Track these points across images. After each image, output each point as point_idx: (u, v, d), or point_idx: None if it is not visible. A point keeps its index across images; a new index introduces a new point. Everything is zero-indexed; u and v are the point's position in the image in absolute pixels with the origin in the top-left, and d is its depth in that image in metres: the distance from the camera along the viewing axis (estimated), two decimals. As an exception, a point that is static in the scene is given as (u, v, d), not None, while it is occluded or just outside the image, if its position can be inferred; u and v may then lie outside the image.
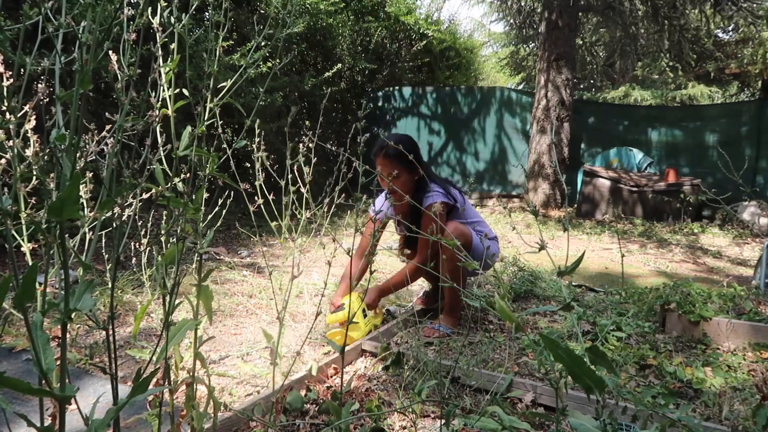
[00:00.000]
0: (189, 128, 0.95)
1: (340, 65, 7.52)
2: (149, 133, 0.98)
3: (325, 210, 1.47)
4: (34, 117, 0.92)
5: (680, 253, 5.07)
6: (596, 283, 3.59)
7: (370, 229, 2.59)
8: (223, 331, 2.49)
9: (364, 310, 2.39)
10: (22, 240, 1.16)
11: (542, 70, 7.84)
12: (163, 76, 0.95)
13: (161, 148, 1.09)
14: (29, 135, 1.01)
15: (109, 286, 2.66)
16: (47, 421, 1.21)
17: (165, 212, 1.00)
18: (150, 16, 0.95)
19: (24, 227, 1.17)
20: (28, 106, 0.86)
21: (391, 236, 4.75)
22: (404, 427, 1.64)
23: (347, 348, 2.12)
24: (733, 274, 4.18)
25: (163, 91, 1.00)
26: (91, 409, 0.85)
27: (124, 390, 1.74)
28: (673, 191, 6.78)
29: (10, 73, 0.77)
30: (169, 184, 0.97)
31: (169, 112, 0.98)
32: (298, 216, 1.45)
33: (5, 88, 0.78)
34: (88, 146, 1.04)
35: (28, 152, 1.00)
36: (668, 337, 2.44)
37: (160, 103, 0.96)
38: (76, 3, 3.30)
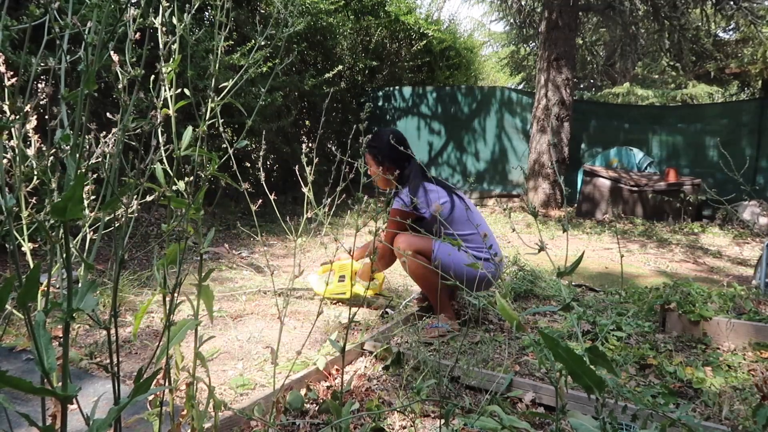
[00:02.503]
0: (190, 128, 0.96)
1: (340, 66, 7.52)
2: (150, 133, 0.98)
3: (327, 210, 1.48)
4: (35, 117, 0.93)
5: (680, 252, 5.07)
6: (596, 283, 3.59)
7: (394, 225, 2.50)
8: (224, 330, 2.50)
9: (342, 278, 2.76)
10: (23, 240, 1.16)
11: (542, 70, 7.83)
12: (165, 76, 0.95)
13: (162, 149, 1.09)
14: (30, 135, 1.01)
15: (110, 285, 2.66)
16: (48, 421, 1.21)
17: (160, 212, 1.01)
18: (152, 17, 0.95)
19: (24, 227, 1.17)
20: (29, 106, 0.86)
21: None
22: (404, 427, 1.64)
23: (347, 347, 2.12)
24: (733, 273, 4.18)
25: (165, 91, 1.00)
26: (92, 409, 0.85)
27: (124, 390, 1.75)
28: (673, 191, 6.78)
29: (12, 73, 0.77)
30: (170, 184, 0.97)
31: (170, 112, 0.98)
32: (313, 215, 1.45)
33: (7, 89, 0.79)
34: (90, 146, 1.04)
35: (30, 152, 1.00)
36: (668, 337, 2.44)
37: (161, 102, 0.96)
38: (79, 3, 3.30)
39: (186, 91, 1.06)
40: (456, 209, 2.46)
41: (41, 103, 0.81)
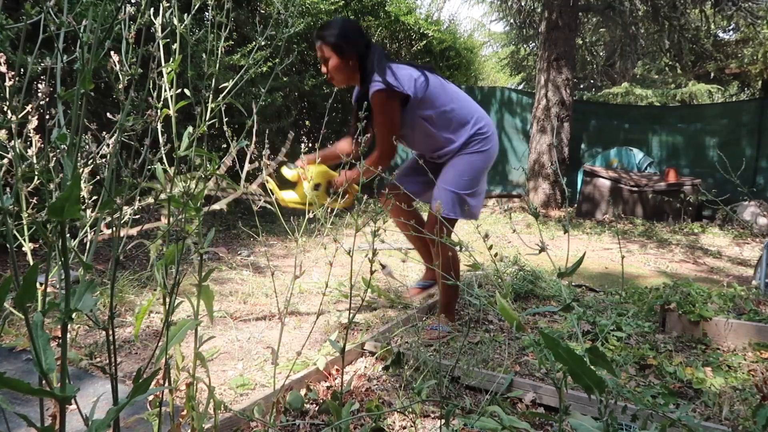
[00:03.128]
0: (190, 129, 0.95)
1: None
2: (149, 132, 0.98)
3: (327, 210, 1.48)
4: (36, 117, 0.92)
5: (680, 253, 5.07)
6: (596, 283, 3.59)
7: (354, 119, 2.39)
8: (224, 330, 2.49)
9: (317, 185, 2.33)
10: (24, 240, 1.16)
11: (542, 70, 7.83)
12: (165, 76, 0.95)
13: (162, 148, 1.09)
14: (31, 134, 1.01)
15: (109, 286, 2.65)
16: (47, 422, 1.21)
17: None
18: (152, 17, 0.95)
19: (25, 227, 1.17)
20: (30, 105, 0.86)
21: (392, 235, 4.77)
22: (404, 427, 1.64)
23: (347, 347, 2.12)
24: (733, 274, 4.18)
25: (165, 91, 1.00)
26: (91, 409, 0.85)
27: (124, 390, 1.75)
28: (673, 191, 6.78)
29: (13, 73, 0.77)
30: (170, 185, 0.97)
31: (171, 112, 0.98)
32: (313, 215, 1.45)
33: (8, 89, 0.78)
34: (89, 146, 1.04)
35: (30, 152, 1.00)
36: (668, 337, 2.44)
37: (161, 103, 0.96)
38: (76, 2, 3.30)
39: (186, 91, 1.06)
40: (431, 85, 2.33)
41: (41, 103, 0.81)
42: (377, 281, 3.36)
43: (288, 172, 2.39)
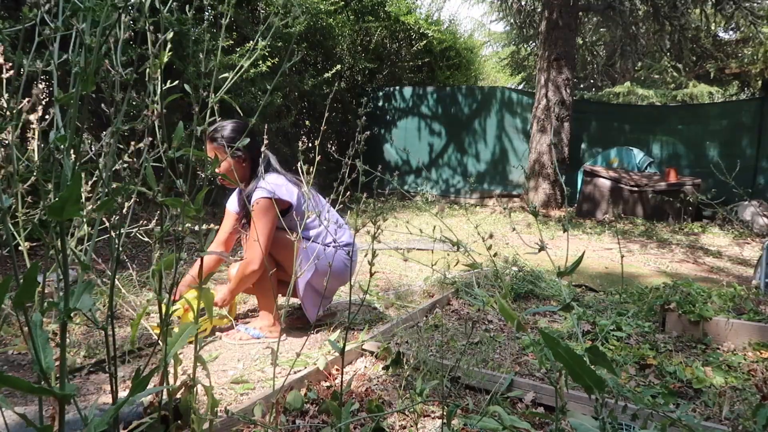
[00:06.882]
0: (181, 124, 0.95)
1: (339, 66, 7.52)
2: (145, 133, 0.98)
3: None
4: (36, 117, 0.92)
5: (681, 252, 5.06)
6: (596, 283, 3.59)
7: (227, 224, 2.44)
8: (223, 331, 2.49)
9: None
10: (21, 240, 1.16)
11: (542, 70, 7.83)
12: (153, 66, 0.95)
13: (161, 147, 1.08)
14: (31, 135, 1.01)
15: (108, 286, 2.64)
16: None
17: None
18: (146, 17, 0.95)
19: (20, 227, 1.17)
20: (31, 104, 0.86)
21: (391, 234, 4.77)
22: (404, 427, 1.64)
23: (348, 347, 2.12)
24: (733, 273, 4.17)
25: (159, 88, 0.99)
26: (90, 409, 0.85)
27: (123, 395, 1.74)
28: (673, 191, 6.77)
29: (12, 70, 0.77)
30: (165, 185, 0.97)
31: (157, 108, 0.97)
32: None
33: (5, 88, 0.78)
34: (89, 147, 1.04)
35: (30, 149, 1.00)
36: (668, 337, 2.44)
37: (158, 97, 0.95)
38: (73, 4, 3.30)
39: (187, 87, 1.05)
40: (318, 207, 2.33)
41: (41, 104, 0.81)
42: (377, 280, 3.36)
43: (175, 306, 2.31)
